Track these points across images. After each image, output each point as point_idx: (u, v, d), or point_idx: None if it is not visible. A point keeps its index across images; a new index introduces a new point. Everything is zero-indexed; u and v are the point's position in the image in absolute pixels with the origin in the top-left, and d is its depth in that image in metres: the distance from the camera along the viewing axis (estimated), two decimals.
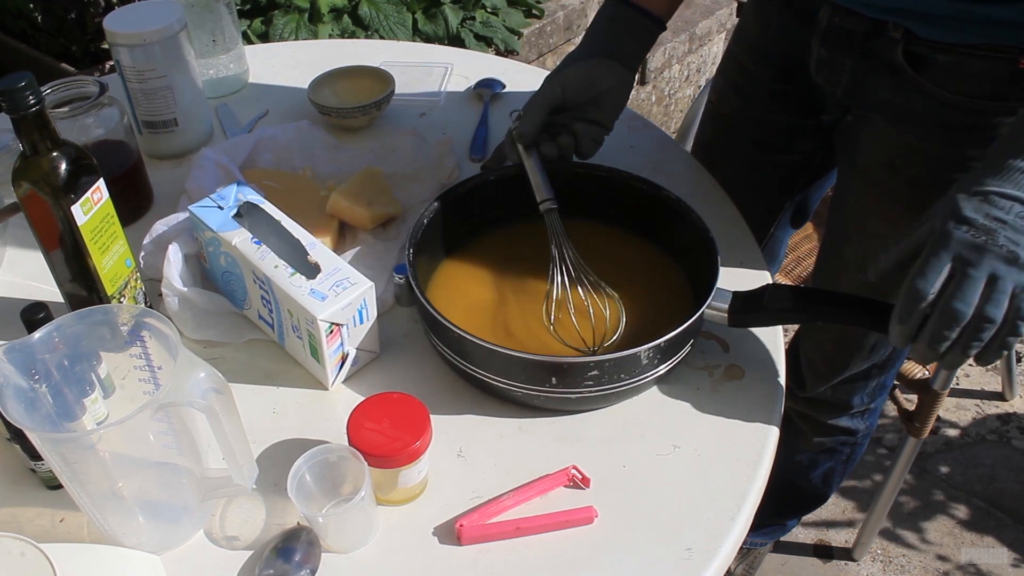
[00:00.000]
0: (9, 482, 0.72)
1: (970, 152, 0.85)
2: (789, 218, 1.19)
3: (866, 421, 1.23)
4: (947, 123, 0.85)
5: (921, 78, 0.83)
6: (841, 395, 1.17)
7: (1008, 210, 0.65)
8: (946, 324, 0.65)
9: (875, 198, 0.95)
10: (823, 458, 1.28)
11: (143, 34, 1.00)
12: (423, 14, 2.04)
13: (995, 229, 0.64)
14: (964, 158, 0.85)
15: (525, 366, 0.73)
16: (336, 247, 0.92)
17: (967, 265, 0.64)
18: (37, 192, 0.71)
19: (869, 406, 1.19)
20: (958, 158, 0.86)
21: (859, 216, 0.99)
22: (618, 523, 0.69)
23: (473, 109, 1.18)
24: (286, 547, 0.66)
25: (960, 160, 0.86)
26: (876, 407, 1.22)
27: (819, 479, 1.33)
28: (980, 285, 0.64)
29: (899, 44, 0.84)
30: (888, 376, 1.15)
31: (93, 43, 2.01)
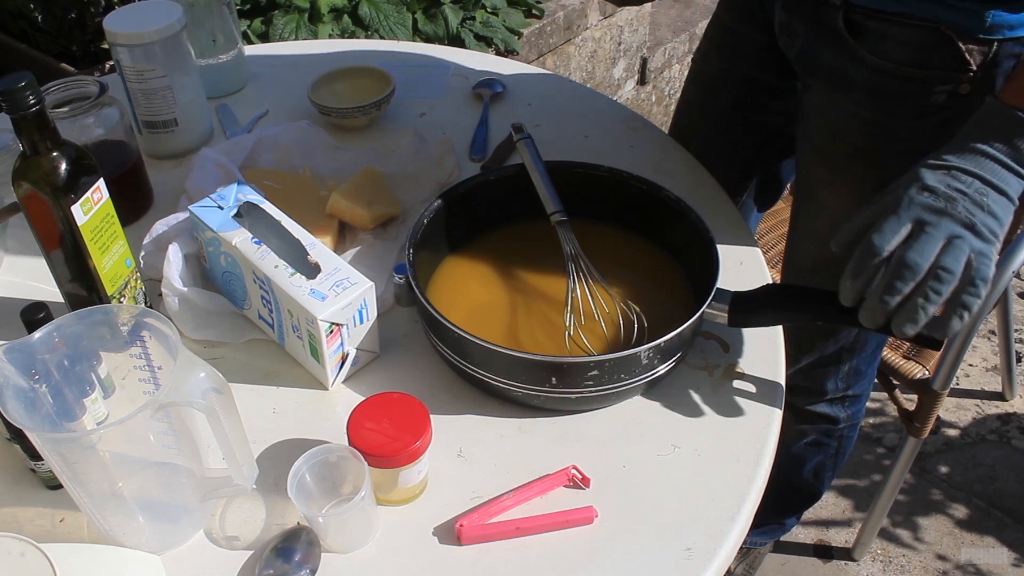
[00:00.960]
0: (9, 482, 0.72)
1: (904, 123, 0.87)
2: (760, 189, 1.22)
3: (847, 410, 1.23)
4: (881, 91, 0.87)
5: (857, 44, 0.86)
6: (814, 380, 1.17)
7: (968, 184, 0.68)
8: (899, 275, 0.65)
9: (821, 167, 0.98)
10: (811, 452, 1.28)
11: (143, 34, 1.00)
12: (423, 14, 2.04)
13: (956, 198, 0.67)
14: (898, 128, 0.88)
15: (525, 366, 0.73)
16: (336, 247, 0.92)
17: (925, 225, 0.66)
18: (37, 192, 0.71)
19: (846, 392, 1.19)
20: (893, 128, 0.88)
21: (810, 186, 1.02)
22: (618, 523, 0.69)
23: (473, 109, 1.18)
24: (286, 547, 0.66)
25: (895, 130, 0.88)
26: (857, 395, 1.21)
27: (810, 474, 1.33)
28: (938, 243, 0.65)
29: (840, 10, 0.87)
30: (861, 360, 1.15)
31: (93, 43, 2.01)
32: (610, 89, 2.52)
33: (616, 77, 2.55)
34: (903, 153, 0.85)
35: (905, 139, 0.88)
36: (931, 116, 0.86)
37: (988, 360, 2.00)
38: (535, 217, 0.88)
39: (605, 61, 2.47)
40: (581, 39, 2.33)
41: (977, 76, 0.83)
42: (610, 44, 2.46)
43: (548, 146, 0.94)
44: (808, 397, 1.20)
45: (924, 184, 0.68)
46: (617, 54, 2.50)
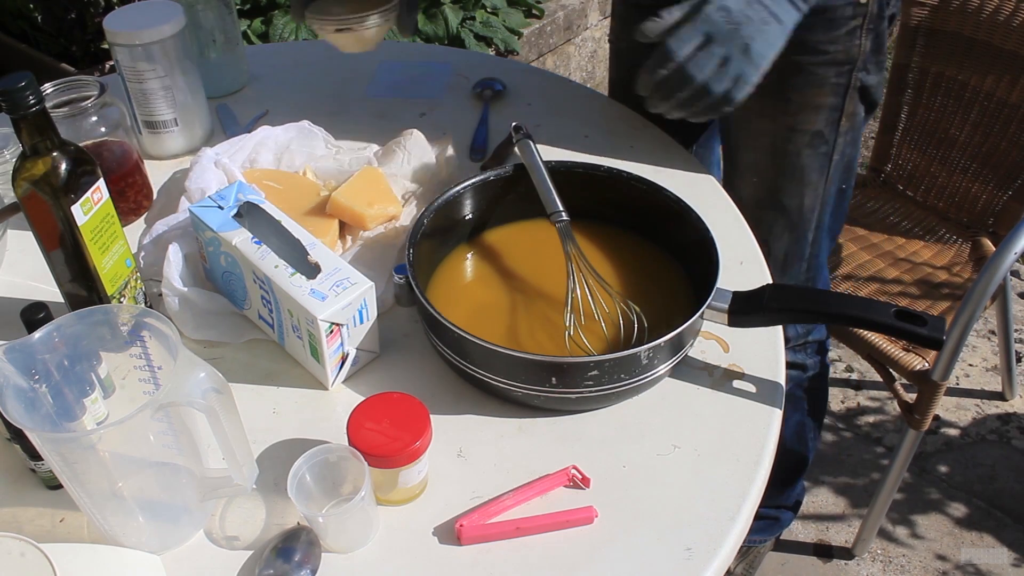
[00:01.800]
0: (9, 482, 0.72)
1: (820, 37, 0.97)
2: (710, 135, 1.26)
3: (811, 357, 1.25)
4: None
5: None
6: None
7: (756, 12, 0.81)
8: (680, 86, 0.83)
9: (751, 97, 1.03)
10: (787, 409, 1.29)
11: (143, 34, 1.00)
12: (423, 14, 2.04)
13: (742, 23, 0.81)
14: (815, 43, 0.97)
15: (525, 366, 0.73)
16: (336, 247, 0.92)
17: (712, 43, 0.81)
18: (37, 192, 0.71)
19: (807, 338, 1.23)
20: (811, 44, 0.97)
21: (743, 119, 1.07)
22: (618, 523, 0.69)
23: (473, 109, 1.18)
24: (286, 547, 0.66)
25: (812, 44, 0.97)
26: (817, 341, 1.25)
27: (792, 437, 1.33)
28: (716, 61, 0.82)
29: None
30: None
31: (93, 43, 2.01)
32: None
33: None
34: (823, 65, 0.98)
35: (822, 51, 0.98)
36: (841, 27, 0.96)
37: (988, 360, 2.00)
38: (535, 217, 0.88)
39: (605, 61, 2.47)
40: (581, 39, 2.34)
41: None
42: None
43: (548, 146, 0.94)
44: None
45: (723, 4, 0.81)
46: None
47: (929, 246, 1.55)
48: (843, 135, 1.03)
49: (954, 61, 1.49)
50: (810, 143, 1.03)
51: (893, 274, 1.50)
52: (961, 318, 1.23)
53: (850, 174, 1.09)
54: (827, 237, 1.14)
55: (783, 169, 1.06)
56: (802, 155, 1.04)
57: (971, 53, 1.46)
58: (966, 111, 1.50)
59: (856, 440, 1.83)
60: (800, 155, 1.04)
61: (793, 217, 1.09)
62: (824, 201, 1.08)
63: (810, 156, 1.04)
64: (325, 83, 1.24)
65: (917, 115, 1.57)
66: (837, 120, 1.02)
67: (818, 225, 1.11)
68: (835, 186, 1.08)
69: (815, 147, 1.03)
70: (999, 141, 1.47)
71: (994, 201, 1.51)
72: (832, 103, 1.01)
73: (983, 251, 1.49)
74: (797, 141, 1.03)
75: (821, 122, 1.02)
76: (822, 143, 1.03)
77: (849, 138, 1.04)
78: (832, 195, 1.09)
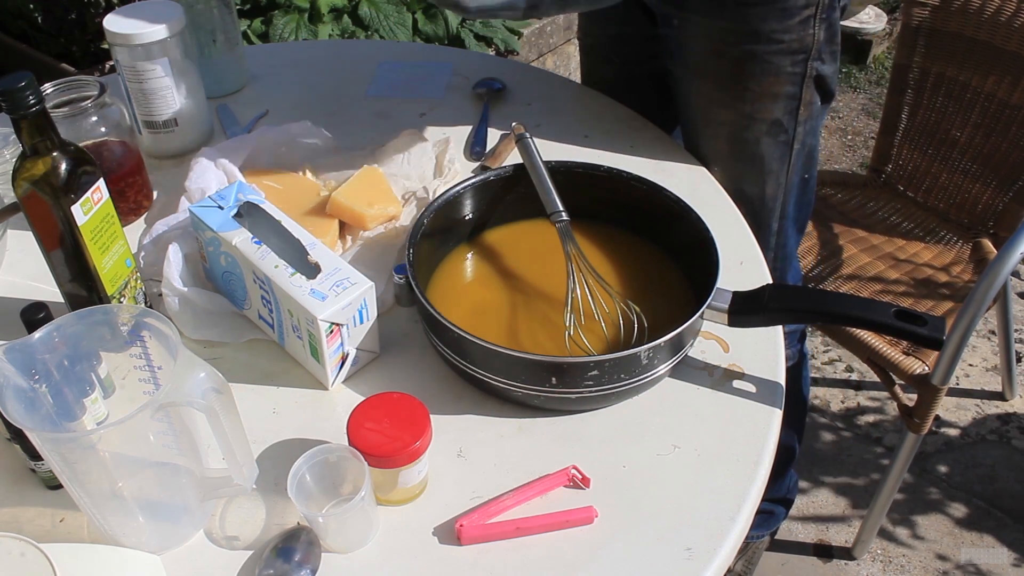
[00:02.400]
0: (9, 482, 0.72)
1: (774, 26, 0.98)
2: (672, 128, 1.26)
3: (790, 347, 1.25)
4: (747, 2, 0.98)
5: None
6: None
7: None
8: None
9: (711, 88, 1.07)
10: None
11: (143, 34, 1.00)
12: (423, 14, 2.04)
13: None
14: (770, 32, 0.99)
15: (525, 366, 0.73)
16: (336, 247, 0.92)
17: None
18: (37, 192, 0.71)
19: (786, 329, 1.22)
20: (766, 33, 0.99)
21: (703, 110, 1.09)
22: (618, 523, 0.69)
23: (473, 109, 1.18)
24: (286, 547, 0.66)
25: (766, 34, 0.99)
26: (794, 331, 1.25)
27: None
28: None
29: None
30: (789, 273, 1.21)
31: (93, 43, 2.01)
32: None
33: None
34: (777, 54, 1.00)
35: (777, 40, 0.99)
36: (794, 16, 0.98)
37: (988, 360, 2.00)
38: (535, 217, 0.88)
39: None
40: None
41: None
42: None
43: (548, 146, 0.95)
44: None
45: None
46: None
47: (929, 247, 1.55)
48: (802, 124, 1.05)
49: (955, 62, 1.49)
50: (768, 131, 1.05)
51: (894, 275, 1.50)
52: (962, 322, 1.23)
53: (812, 163, 1.11)
54: (793, 227, 1.15)
55: (742, 157, 1.08)
56: (761, 143, 1.06)
57: (972, 54, 1.46)
58: (967, 112, 1.50)
59: (856, 440, 1.83)
60: (759, 143, 1.06)
61: (755, 205, 1.10)
62: (787, 190, 1.10)
63: (769, 144, 1.06)
64: (325, 83, 1.24)
65: (918, 116, 1.57)
66: (795, 109, 1.03)
67: (782, 215, 1.12)
68: (797, 176, 1.10)
69: (774, 136, 1.05)
70: (1000, 142, 1.47)
71: (995, 202, 1.51)
72: (789, 92, 1.02)
73: (984, 252, 1.49)
74: (755, 129, 1.05)
75: (779, 111, 1.03)
76: (781, 132, 1.05)
77: (808, 127, 1.06)
78: (795, 184, 1.10)
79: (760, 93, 1.03)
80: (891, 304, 0.74)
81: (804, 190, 1.13)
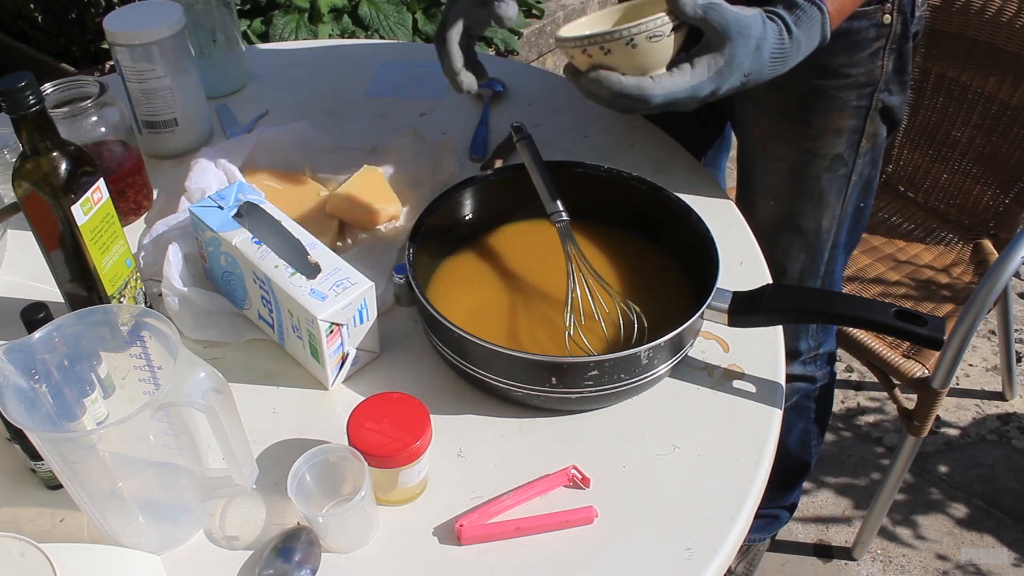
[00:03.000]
0: (9, 482, 0.72)
1: (840, 59, 0.94)
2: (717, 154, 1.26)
3: (820, 368, 1.25)
4: None
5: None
6: (787, 341, 1.17)
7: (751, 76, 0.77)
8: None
9: (770, 121, 1.03)
10: (793, 418, 1.29)
11: (143, 34, 1.00)
12: (423, 14, 2.04)
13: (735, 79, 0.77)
14: (837, 67, 0.95)
15: (525, 366, 0.73)
16: (336, 247, 0.92)
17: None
18: (37, 192, 0.71)
19: (818, 351, 1.22)
20: (832, 66, 0.95)
21: (761, 143, 1.06)
22: (618, 523, 0.69)
23: (473, 109, 1.18)
24: (286, 547, 0.66)
25: (834, 68, 0.95)
26: (827, 353, 1.24)
27: (796, 444, 1.33)
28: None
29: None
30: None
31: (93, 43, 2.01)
32: None
33: None
34: (845, 88, 0.96)
35: (844, 75, 0.95)
36: (864, 49, 0.94)
37: (988, 360, 2.00)
38: (535, 217, 0.88)
39: None
40: None
41: (895, 4, 0.92)
42: None
43: (548, 146, 0.94)
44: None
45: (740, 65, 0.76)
46: None
47: (930, 248, 1.55)
48: (862, 156, 1.01)
49: (956, 62, 1.49)
50: (829, 167, 1.01)
51: (894, 277, 1.50)
52: (962, 325, 1.23)
53: (868, 192, 1.07)
54: (844, 253, 1.12)
55: (800, 193, 1.04)
56: (821, 179, 1.02)
57: (973, 55, 1.46)
58: (968, 113, 1.50)
59: (856, 440, 1.83)
60: (819, 179, 1.02)
61: (809, 238, 1.07)
62: (841, 220, 1.07)
63: (829, 179, 1.02)
64: (325, 83, 1.24)
65: (918, 116, 1.57)
66: (857, 142, 1.00)
67: (834, 244, 1.09)
68: (852, 206, 1.06)
69: (834, 170, 1.01)
70: (1001, 143, 1.47)
71: (995, 204, 1.51)
72: (853, 125, 0.98)
73: (984, 254, 1.49)
74: (816, 165, 1.01)
75: (841, 145, 1.00)
76: (841, 165, 1.01)
77: (868, 159, 1.02)
78: (849, 214, 1.07)
79: (823, 128, 0.99)
80: (891, 304, 0.74)
81: (858, 218, 1.09)
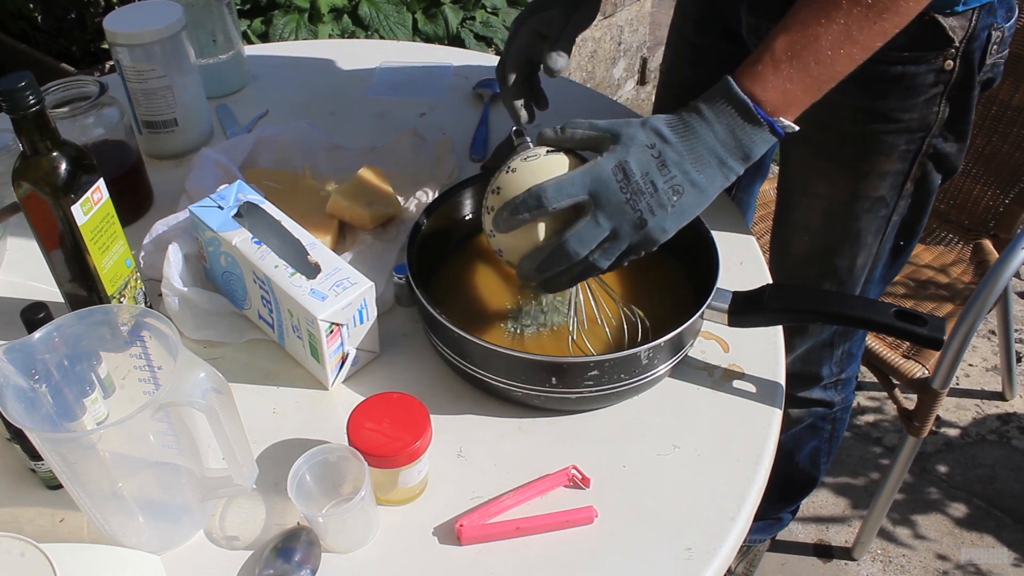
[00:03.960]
0: (9, 482, 0.72)
1: (892, 104, 0.89)
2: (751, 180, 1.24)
3: (840, 393, 1.23)
4: (870, 77, 0.86)
5: None
6: (810, 366, 1.17)
7: (667, 179, 0.68)
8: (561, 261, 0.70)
9: (811, 157, 0.99)
10: (806, 436, 1.29)
11: (143, 34, 1.00)
12: (423, 14, 2.04)
13: (643, 193, 0.68)
14: (888, 111, 0.90)
15: (525, 366, 0.73)
16: (336, 247, 0.92)
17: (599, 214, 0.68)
18: (37, 192, 0.71)
19: (840, 376, 1.20)
20: (883, 111, 0.90)
21: (801, 178, 1.02)
22: (618, 523, 0.69)
23: (473, 109, 1.18)
24: (286, 547, 0.66)
25: (885, 113, 0.90)
26: (848, 378, 1.22)
27: (806, 460, 1.33)
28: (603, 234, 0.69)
29: None
30: (853, 344, 1.16)
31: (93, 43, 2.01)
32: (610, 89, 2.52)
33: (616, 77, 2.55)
34: (894, 133, 0.90)
35: (895, 120, 0.90)
36: (919, 94, 0.88)
37: (988, 360, 2.00)
38: None
39: (605, 61, 2.47)
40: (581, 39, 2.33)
41: (959, 51, 0.86)
42: (610, 44, 2.46)
43: None
44: (804, 384, 1.21)
45: (624, 165, 0.68)
46: (617, 54, 2.50)
47: (930, 248, 1.55)
48: (905, 198, 0.97)
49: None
50: (870, 208, 0.97)
51: (894, 277, 1.50)
52: (962, 326, 1.22)
53: (911, 233, 1.02)
54: (878, 286, 1.09)
55: (838, 232, 1.01)
56: (860, 219, 0.98)
57: None
58: None
59: (856, 440, 1.83)
60: (858, 219, 0.98)
61: (842, 276, 1.05)
62: (877, 258, 1.03)
63: (868, 220, 0.98)
64: (325, 83, 1.24)
65: None
66: (901, 184, 0.95)
67: (868, 279, 1.06)
68: (890, 243, 1.02)
69: (875, 211, 0.98)
70: (1001, 144, 1.47)
71: (995, 204, 1.51)
72: (899, 169, 0.94)
73: (984, 254, 1.49)
74: (857, 207, 0.97)
75: (884, 188, 0.95)
76: (882, 207, 0.97)
77: (912, 200, 0.97)
78: (886, 252, 1.03)
79: (867, 172, 0.94)
80: (891, 304, 0.74)
81: (897, 256, 1.05)
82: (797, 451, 1.31)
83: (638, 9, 2.51)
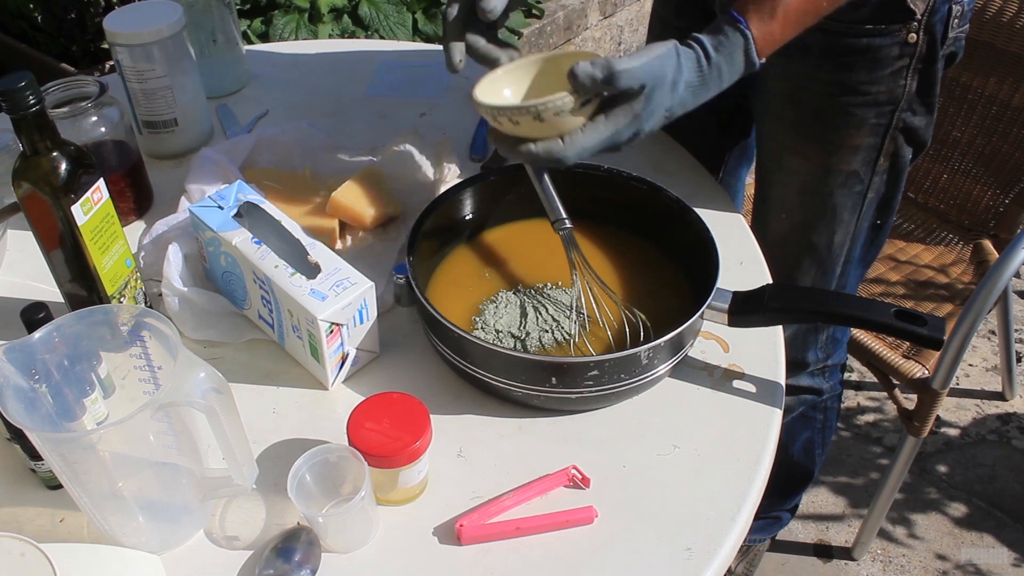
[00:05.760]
0: (9, 482, 0.72)
1: (860, 76, 0.92)
2: (738, 164, 1.25)
3: (828, 380, 1.24)
4: (838, 51, 0.90)
5: None
6: (795, 352, 1.18)
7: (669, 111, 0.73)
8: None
9: (785, 134, 1.01)
10: (798, 427, 1.29)
11: (143, 34, 1.00)
12: (423, 14, 2.04)
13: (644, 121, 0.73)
14: (856, 84, 0.92)
15: (525, 366, 0.73)
16: (336, 247, 0.92)
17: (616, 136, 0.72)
18: (37, 192, 0.71)
19: (826, 363, 1.21)
20: (851, 84, 0.92)
21: (775, 155, 1.05)
22: (618, 523, 0.69)
23: (473, 109, 1.17)
24: (286, 547, 0.66)
25: (853, 85, 0.92)
26: (835, 366, 1.24)
27: (800, 452, 1.33)
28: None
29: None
30: (837, 328, 1.18)
31: (93, 43, 2.01)
32: None
33: None
34: (863, 106, 0.93)
35: (863, 92, 0.93)
36: (886, 67, 0.91)
37: (988, 360, 2.00)
38: (535, 217, 0.88)
39: None
40: (581, 39, 2.34)
41: (922, 23, 0.89)
42: (610, 44, 2.46)
43: None
44: (791, 370, 1.21)
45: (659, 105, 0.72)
46: (617, 54, 2.50)
47: (930, 249, 1.55)
48: (879, 174, 0.99)
49: (956, 63, 1.49)
50: (844, 183, 1.00)
51: (894, 277, 1.50)
52: (962, 326, 1.22)
53: (887, 210, 1.04)
54: (858, 268, 1.11)
55: (813, 208, 1.03)
56: (835, 195, 1.01)
57: (974, 55, 1.46)
58: (968, 113, 1.50)
59: (856, 440, 1.83)
60: (833, 195, 1.01)
61: (821, 254, 1.06)
62: (855, 236, 1.05)
63: (843, 196, 1.01)
64: (325, 83, 1.24)
65: None
66: (874, 160, 0.97)
67: (847, 259, 1.08)
68: (868, 222, 1.04)
69: (849, 187, 1.00)
70: (1001, 144, 1.47)
71: (995, 204, 1.51)
72: (870, 143, 0.96)
73: (984, 254, 1.49)
74: (830, 181, 1.00)
75: (857, 162, 0.98)
76: (856, 182, 0.99)
77: (886, 177, 1.00)
78: (864, 231, 1.05)
79: (839, 145, 0.97)
80: (891, 304, 0.74)
81: (875, 235, 1.07)
82: (791, 443, 1.32)
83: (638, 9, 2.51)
